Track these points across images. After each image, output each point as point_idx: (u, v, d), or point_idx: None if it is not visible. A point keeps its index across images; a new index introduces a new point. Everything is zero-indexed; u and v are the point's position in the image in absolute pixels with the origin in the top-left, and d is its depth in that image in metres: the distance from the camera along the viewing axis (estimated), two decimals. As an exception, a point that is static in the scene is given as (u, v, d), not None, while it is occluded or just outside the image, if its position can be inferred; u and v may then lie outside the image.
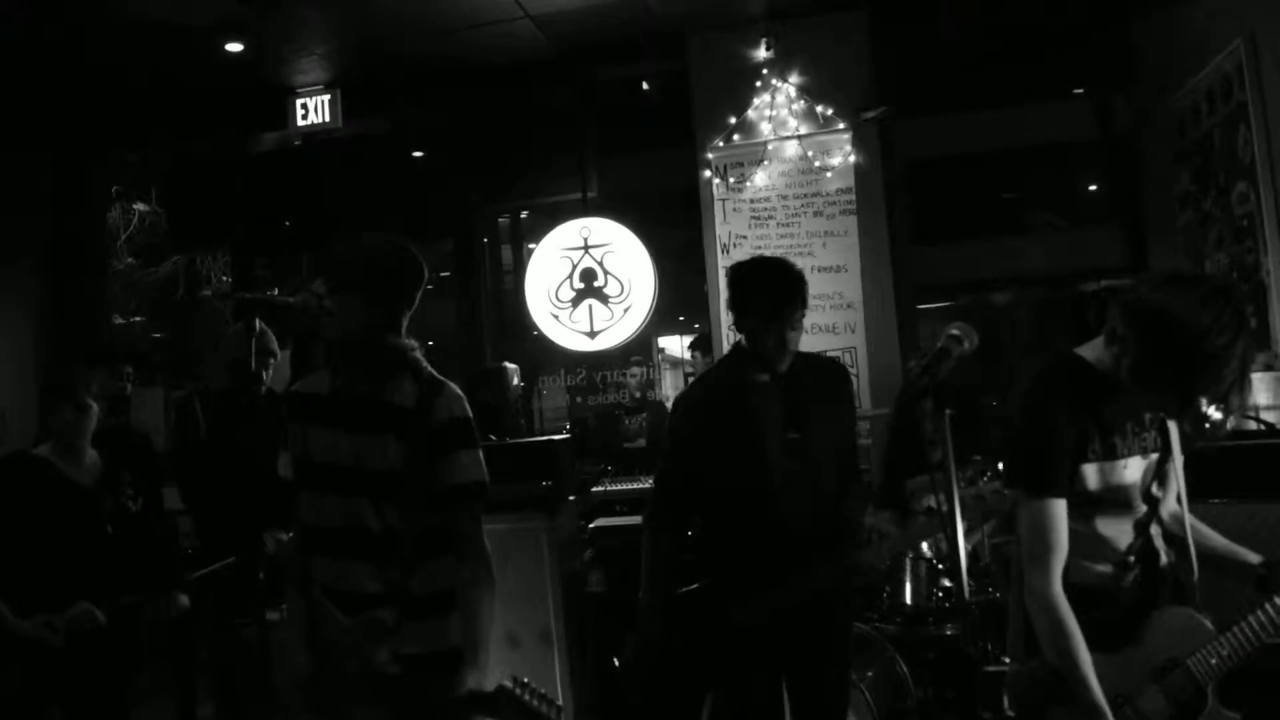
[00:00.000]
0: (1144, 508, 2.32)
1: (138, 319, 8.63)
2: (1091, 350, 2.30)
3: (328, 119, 6.86)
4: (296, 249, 8.64)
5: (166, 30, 5.81)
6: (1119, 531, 2.31)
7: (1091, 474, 2.26)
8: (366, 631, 2.49)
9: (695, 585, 3.24)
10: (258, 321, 2.69)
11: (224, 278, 8.76)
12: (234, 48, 6.18)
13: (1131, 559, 2.32)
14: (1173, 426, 2.33)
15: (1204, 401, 2.12)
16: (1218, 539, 2.48)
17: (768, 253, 6.22)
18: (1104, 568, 2.32)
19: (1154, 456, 2.32)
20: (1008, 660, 2.33)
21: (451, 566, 2.58)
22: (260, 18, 5.68)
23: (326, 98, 6.86)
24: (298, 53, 6.40)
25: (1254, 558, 2.39)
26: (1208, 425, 2.30)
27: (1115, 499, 2.29)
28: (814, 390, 3.13)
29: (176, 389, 7.20)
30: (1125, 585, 2.32)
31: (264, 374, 4.34)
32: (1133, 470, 2.29)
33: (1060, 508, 2.23)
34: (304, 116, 6.89)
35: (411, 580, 2.54)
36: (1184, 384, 2.07)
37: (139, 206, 8.13)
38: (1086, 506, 2.28)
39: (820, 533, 3.05)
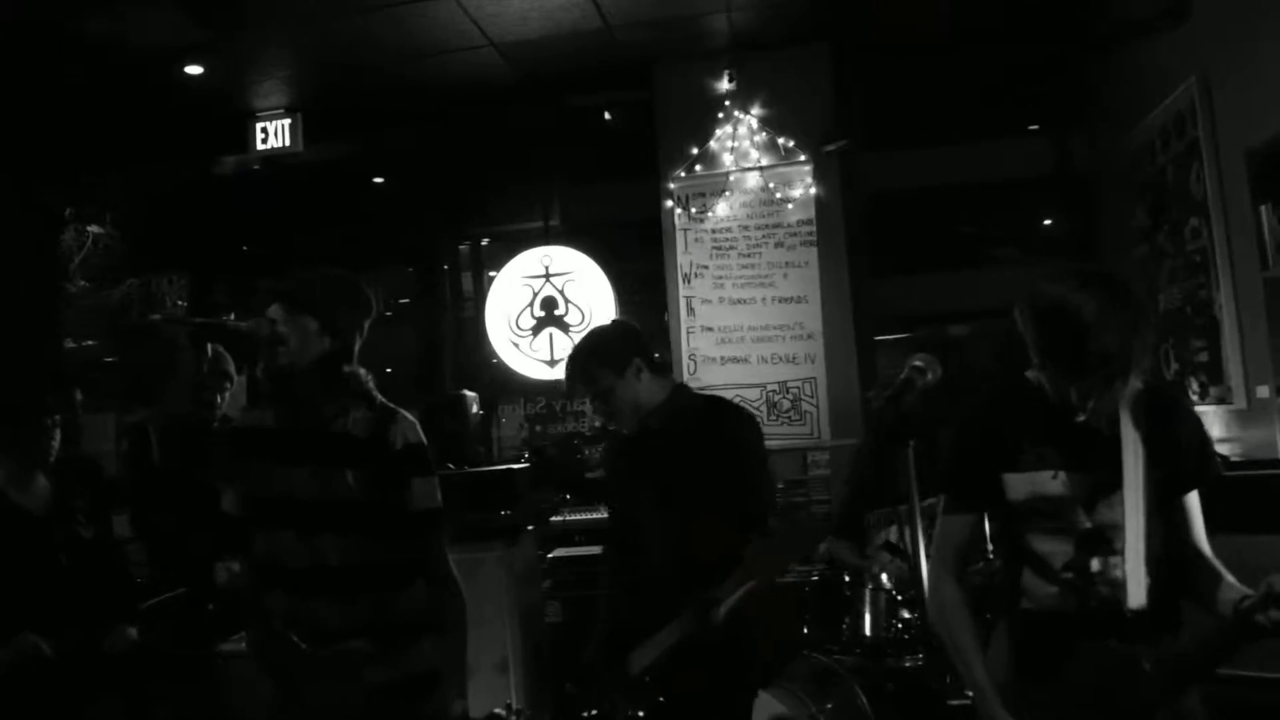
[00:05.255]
0: (1088, 525, 2.27)
1: (90, 343, 8.47)
2: (1034, 370, 2.37)
3: (288, 143, 6.80)
4: (254, 274, 8.54)
5: (125, 51, 5.75)
6: (1056, 548, 2.29)
7: (1018, 483, 2.31)
8: (340, 663, 2.45)
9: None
10: (210, 346, 2.64)
11: (179, 302, 8.64)
12: (194, 70, 6.13)
13: (1070, 576, 2.28)
14: (1129, 446, 2.28)
15: (1092, 373, 2.17)
16: (1224, 572, 2.32)
17: (729, 284, 6.27)
18: (1051, 589, 2.30)
19: (1103, 474, 2.28)
20: (970, 694, 2.32)
21: (419, 593, 2.57)
22: (221, 38, 5.63)
23: (287, 122, 6.80)
24: (259, 76, 6.36)
25: (1242, 592, 2.22)
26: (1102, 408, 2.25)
27: (1047, 511, 2.29)
28: (684, 440, 3.11)
29: (128, 415, 7.07)
30: (1071, 611, 2.28)
31: (219, 399, 4.27)
32: (1067, 483, 2.27)
33: (956, 520, 2.43)
34: (264, 140, 6.83)
35: (379, 610, 2.51)
36: (1074, 359, 2.17)
37: (93, 229, 8.00)
38: (1021, 519, 2.33)
39: (693, 587, 3.01)
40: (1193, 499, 2.35)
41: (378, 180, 7.97)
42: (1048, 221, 7.20)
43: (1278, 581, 2.02)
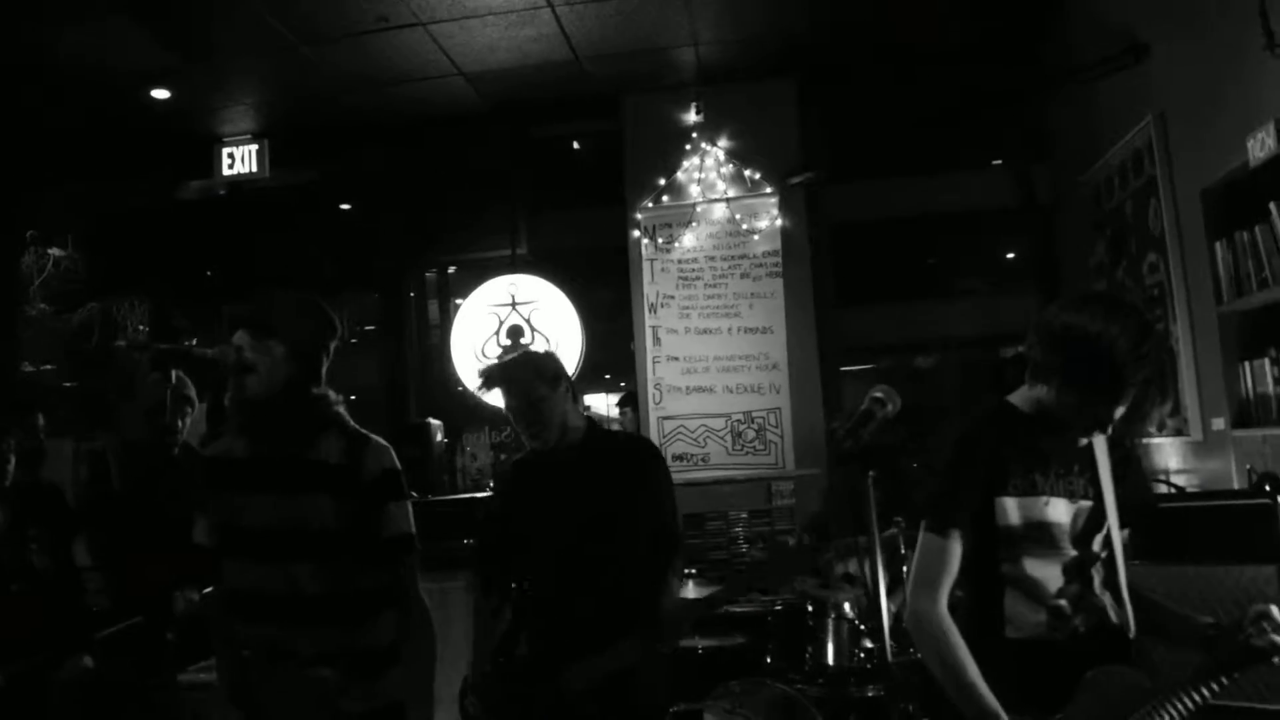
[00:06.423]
0: (1074, 552, 2.30)
1: (48, 367, 8.36)
2: (1018, 395, 2.38)
3: (254, 169, 6.78)
4: (218, 300, 8.46)
5: (92, 74, 5.73)
6: (1048, 574, 2.28)
7: (1011, 508, 2.27)
8: (310, 690, 2.43)
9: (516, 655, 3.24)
10: (174, 372, 2.62)
11: (141, 327, 8.54)
12: (161, 94, 6.11)
13: (1064, 604, 2.29)
14: (1104, 477, 2.33)
15: (1125, 408, 2.16)
16: (1166, 602, 2.47)
17: (695, 314, 6.29)
18: (1040, 616, 2.29)
19: (1084, 504, 2.32)
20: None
21: (391, 622, 2.56)
22: (189, 63, 5.61)
23: (254, 147, 6.78)
24: (225, 102, 6.35)
25: (1203, 619, 2.36)
26: (1136, 431, 2.29)
27: (1039, 537, 2.28)
28: (603, 469, 3.16)
29: (87, 440, 6.98)
30: (1062, 639, 2.28)
31: (180, 424, 4.23)
32: (1057, 510, 2.29)
33: (949, 545, 2.27)
34: (230, 165, 6.80)
35: (350, 638, 2.49)
36: (1104, 391, 2.16)
37: (54, 251, 7.91)
38: (1012, 544, 2.28)
39: (616, 611, 3.04)
40: (1124, 534, 2.40)
41: (344, 206, 7.94)
42: (1010, 254, 7.29)
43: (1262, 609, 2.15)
